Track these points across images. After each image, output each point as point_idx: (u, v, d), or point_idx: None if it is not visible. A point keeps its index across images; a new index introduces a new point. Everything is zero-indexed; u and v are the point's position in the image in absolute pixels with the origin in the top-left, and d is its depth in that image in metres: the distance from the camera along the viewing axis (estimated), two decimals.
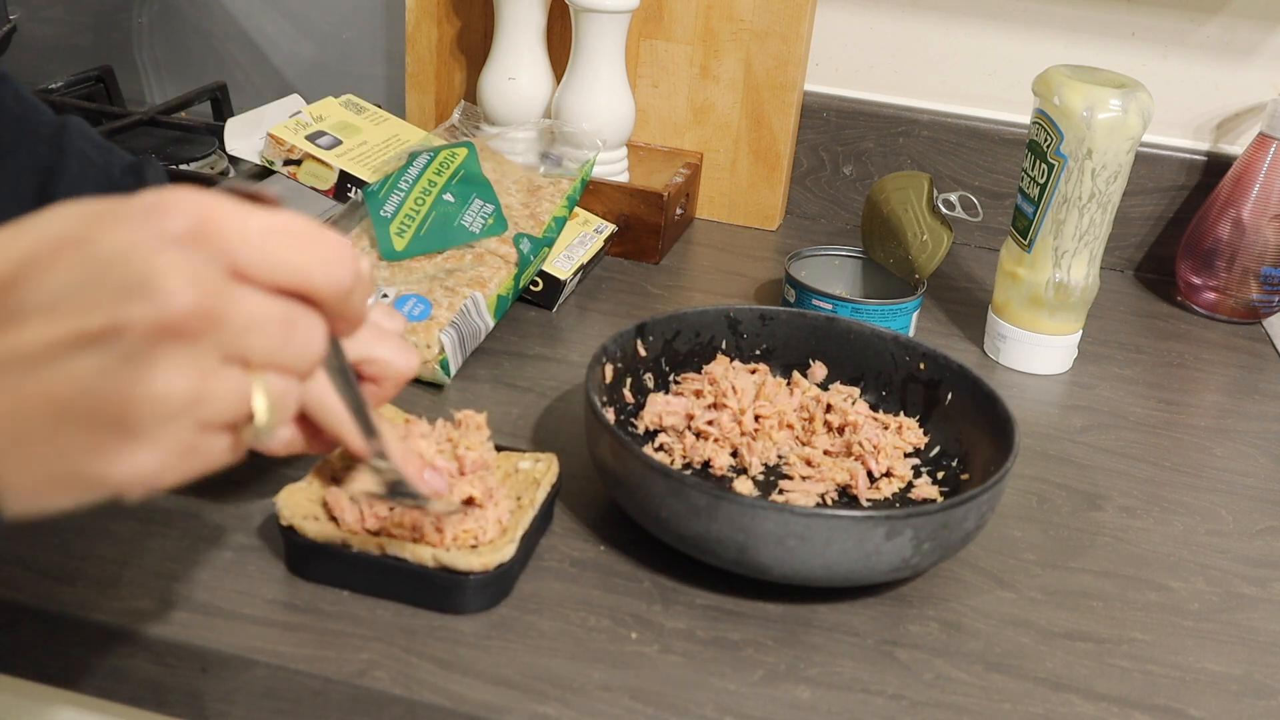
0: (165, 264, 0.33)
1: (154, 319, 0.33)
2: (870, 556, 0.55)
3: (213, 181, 0.93)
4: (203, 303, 0.34)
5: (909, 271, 0.88)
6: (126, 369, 0.33)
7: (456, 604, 0.54)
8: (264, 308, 0.36)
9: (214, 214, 0.35)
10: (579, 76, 0.96)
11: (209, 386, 0.35)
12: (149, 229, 0.34)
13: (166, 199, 0.34)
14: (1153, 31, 1.03)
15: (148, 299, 0.33)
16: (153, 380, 0.33)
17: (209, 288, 0.34)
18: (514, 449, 0.63)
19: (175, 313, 0.33)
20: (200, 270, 0.34)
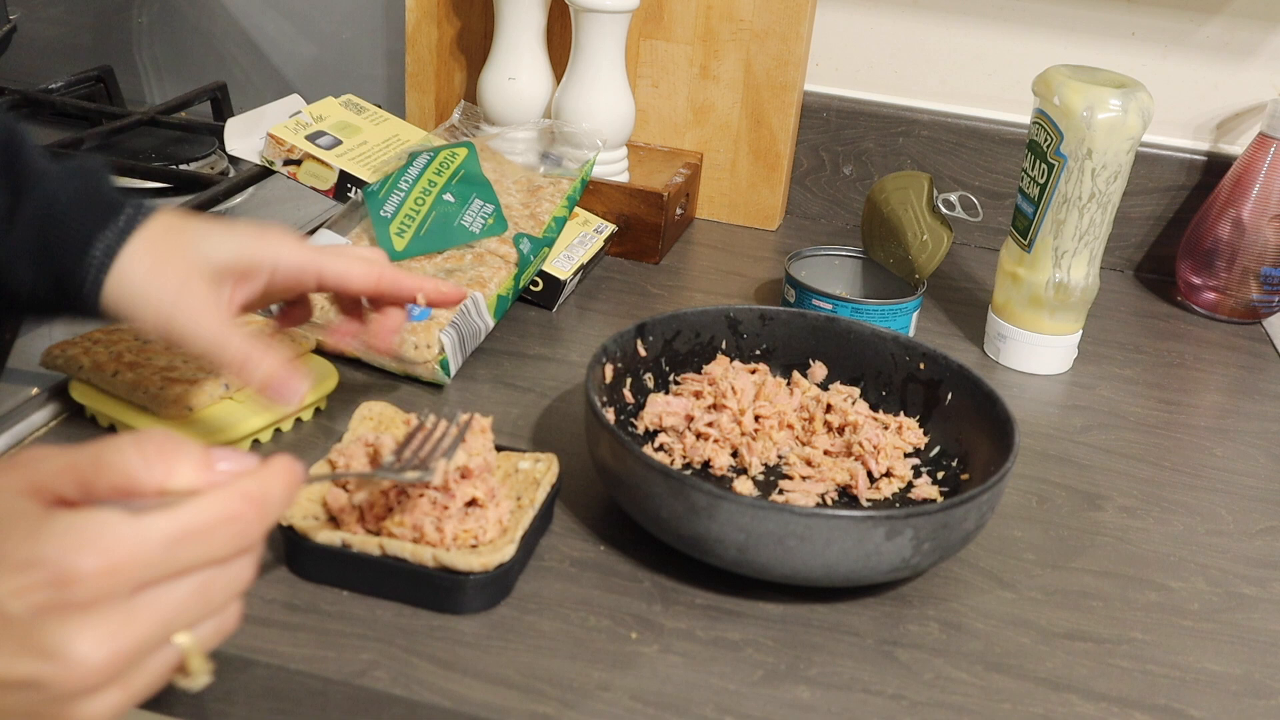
0: (72, 631, 0.36)
1: (70, 683, 0.36)
2: (870, 556, 0.55)
3: (212, 182, 0.93)
4: (115, 653, 0.36)
5: (909, 271, 0.88)
6: (58, 708, 0.37)
7: (456, 604, 0.54)
8: (178, 595, 0.38)
9: (113, 563, 0.36)
10: (579, 76, 0.96)
11: (136, 689, 0.38)
12: (56, 598, 0.36)
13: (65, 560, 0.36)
14: (1153, 31, 1.03)
15: (62, 665, 0.36)
16: (83, 715, 0.37)
17: (120, 639, 0.36)
18: (514, 449, 0.63)
19: (88, 673, 0.36)
20: (112, 622, 0.36)
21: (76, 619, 0.36)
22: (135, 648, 0.37)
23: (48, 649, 0.36)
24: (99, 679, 0.37)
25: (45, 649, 0.36)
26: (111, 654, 0.36)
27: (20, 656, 0.36)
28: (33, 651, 0.36)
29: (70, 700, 0.37)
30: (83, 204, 0.53)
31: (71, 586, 0.36)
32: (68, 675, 0.36)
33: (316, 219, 0.97)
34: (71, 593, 0.36)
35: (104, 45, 1.26)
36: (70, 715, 0.37)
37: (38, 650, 0.36)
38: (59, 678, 0.36)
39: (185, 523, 0.38)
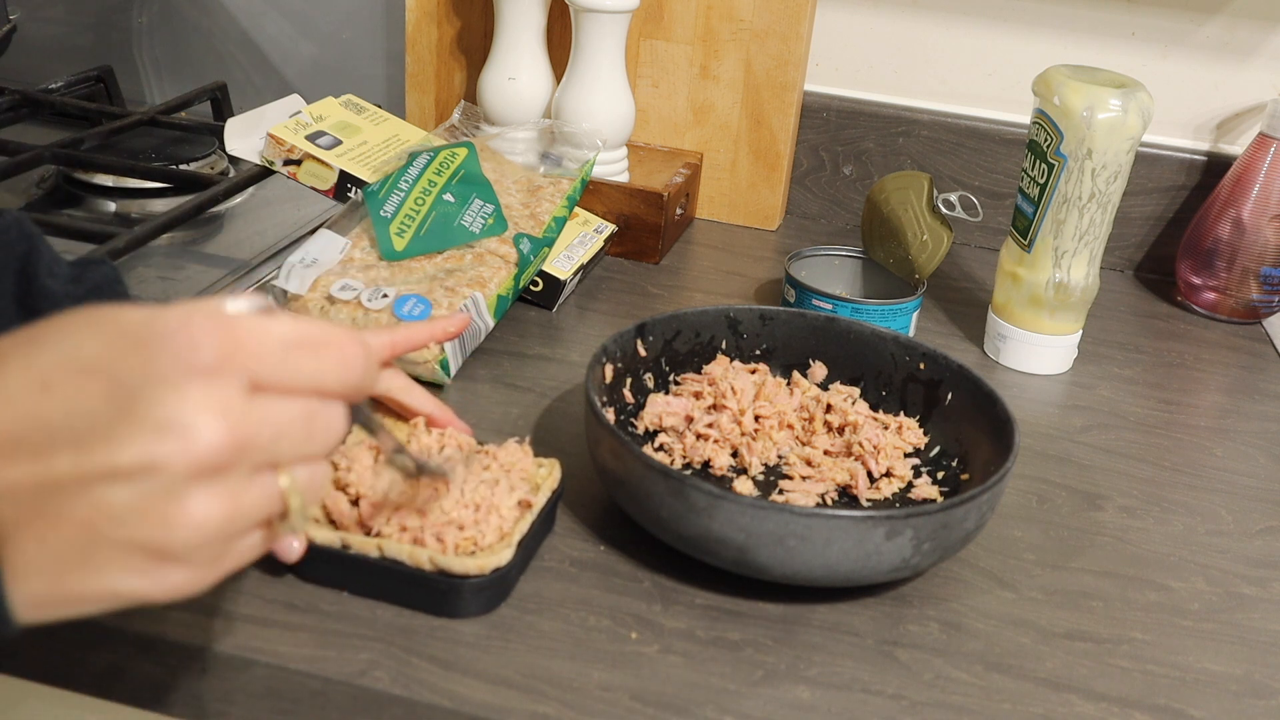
0: (195, 403, 0.34)
1: (187, 459, 0.34)
2: (870, 556, 0.55)
3: (212, 182, 0.93)
4: (233, 437, 0.35)
5: (909, 271, 0.88)
6: (162, 504, 0.34)
7: (453, 607, 0.54)
8: (287, 414, 0.37)
9: (235, 336, 0.36)
10: (579, 76, 0.96)
11: (241, 503, 0.36)
12: (176, 362, 0.34)
13: (190, 327, 0.35)
14: (1153, 31, 1.03)
15: (180, 439, 0.34)
16: (188, 514, 0.35)
17: (238, 420, 0.35)
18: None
19: (207, 452, 0.34)
20: (228, 402, 0.35)
21: (198, 392, 0.34)
22: (248, 442, 0.36)
23: (171, 421, 0.34)
24: (216, 458, 0.35)
25: (168, 421, 0.34)
26: (228, 438, 0.35)
27: (138, 433, 0.34)
28: (153, 426, 0.34)
29: (186, 488, 0.34)
30: None
31: (194, 353, 0.34)
32: (186, 450, 0.34)
33: (316, 219, 0.97)
34: (194, 358, 0.34)
35: (104, 45, 1.26)
36: (183, 514, 0.34)
37: (159, 424, 0.34)
38: (176, 454, 0.34)
39: (303, 332, 0.38)
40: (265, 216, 0.98)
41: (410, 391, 0.62)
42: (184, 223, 0.87)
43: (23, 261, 0.52)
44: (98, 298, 0.53)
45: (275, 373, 0.37)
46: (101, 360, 0.34)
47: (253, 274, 0.87)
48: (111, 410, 0.34)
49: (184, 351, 0.34)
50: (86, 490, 0.34)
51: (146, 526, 0.34)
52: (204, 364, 0.35)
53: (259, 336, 0.36)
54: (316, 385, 0.38)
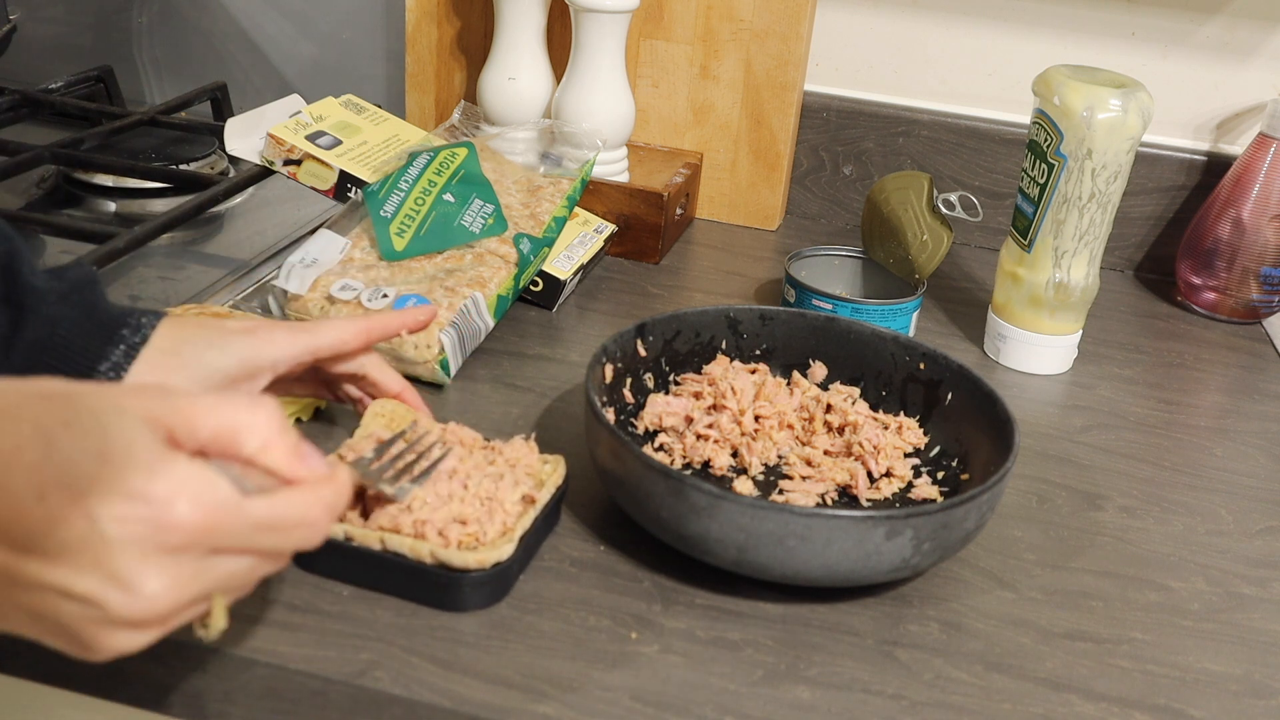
0: (151, 571, 0.39)
1: (126, 612, 0.39)
2: (870, 556, 0.55)
3: (212, 182, 0.93)
4: (176, 602, 0.40)
5: (909, 271, 0.88)
6: (97, 628, 0.40)
7: (453, 601, 0.54)
8: (237, 567, 0.42)
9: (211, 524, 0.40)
10: (579, 76, 0.96)
11: (164, 631, 0.41)
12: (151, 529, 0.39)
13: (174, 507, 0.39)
14: (1153, 31, 1.03)
15: (128, 594, 0.39)
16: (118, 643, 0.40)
17: (186, 586, 0.40)
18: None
19: (147, 610, 0.39)
20: (183, 573, 0.40)
21: (157, 560, 0.39)
22: (191, 599, 0.41)
23: (123, 576, 0.39)
24: (152, 617, 0.40)
25: (120, 576, 0.39)
26: (173, 599, 0.40)
27: (94, 574, 0.39)
28: (108, 574, 0.39)
29: (115, 627, 0.40)
30: (82, 329, 0.54)
31: (168, 531, 0.39)
32: (128, 605, 0.39)
33: (316, 219, 0.97)
34: (165, 536, 0.39)
35: (104, 45, 1.26)
36: (105, 640, 0.40)
37: (113, 574, 0.39)
38: (119, 605, 0.39)
39: (277, 514, 0.42)
40: (265, 216, 0.98)
41: (382, 371, 0.65)
42: (184, 223, 0.87)
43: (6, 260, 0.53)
44: (79, 293, 0.55)
45: (238, 545, 0.42)
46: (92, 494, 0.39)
47: (253, 274, 0.87)
48: (82, 548, 0.39)
49: (161, 525, 0.39)
50: (40, 591, 0.39)
51: (79, 634, 0.40)
52: (173, 543, 0.39)
53: (235, 521, 0.41)
54: (274, 553, 0.43)
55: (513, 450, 0.61)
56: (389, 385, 0.65)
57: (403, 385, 0.65)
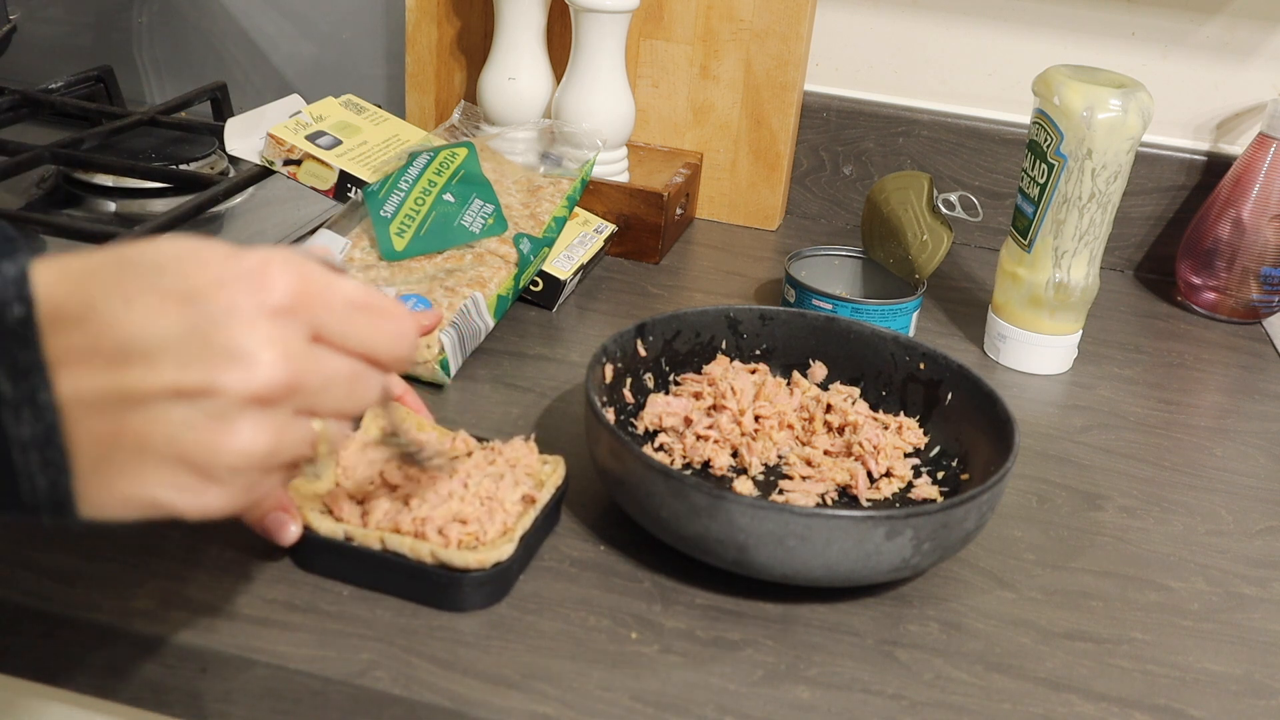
0: (262, 337, 0.37)
1: (245, 388, 0.37)
2: (870, 556, 0.55)
3: (212, 182, 0.93)
4: (290, 376, 0.38)
5: (909, 271, 0.88)
6: (213, 426, 0.37)
7: (453, 601, 0.54)
8: (337, 369, 0.41)
9: (308, 287, 0.39)
10: (579, 76, 0.96)
11: (281, 440, 0.39)
12: (251, 298, 0.38)
13: (268, 268, 0.38)
14: (1153, 31, 1.03)
15: (243, 368, 0.37)
16: (235, 439, 0.38)
17: (296, 362, 0.38)
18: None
19: (265, 384, 0.38)
20: (291, 343, 0.38)
21: (265, 325, 0.38)
22: (301, 384, 0.39)
23: (234, 347, 0.37)
24: (269, 392, 0.38)
25: (231, 347, 0.37)
26: (285, 375, 0.38)
27: (202, 356, 0.37)
28: (218, 351, 0.37)
29: (235, 416, 0.37)
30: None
31: (267, 291, 0.38)
32: (245, 379, 0.37)
33: (316, 219, 0.97)
34: (265, 297, 0.38)
35: (104, 45, 1.26)
36: (227, 441, 0.38)
37: (223, 349, 0.37)
38: (236, 382, 0.37)
39: (368, 297, 0.41)
40: (265, 216, 0.98)
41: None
42: (184, 223, 0.87)
43: None
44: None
45: (336, 328, 0.40)
46: (183, 287, 0.37)
47: None
48: (184, 333, 0.37)
49: (260, 289, 0.38)
50: (149, 404, 0.37)
51: (196, 446, 0.37)
52: (276, 304, 0.38)
53: (329, 291, 0.40)
54: (368, 349, 0.41)
55: (513, 450, 0.61)
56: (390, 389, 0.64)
57: (404, 389, 0.65)
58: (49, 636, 0.53)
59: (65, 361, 0.37)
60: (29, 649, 0.53)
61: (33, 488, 0.38)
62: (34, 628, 0.53)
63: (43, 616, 0.52)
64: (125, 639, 0.52)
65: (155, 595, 0.54)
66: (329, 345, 0.40)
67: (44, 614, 0.52)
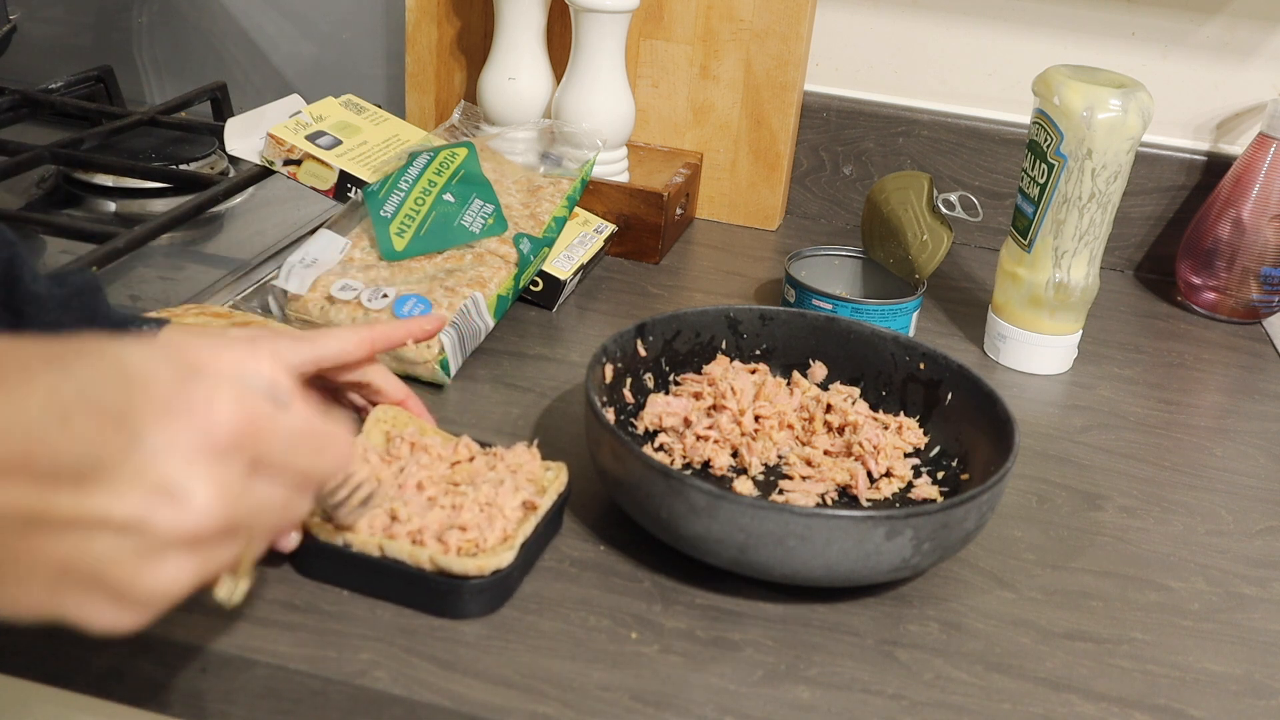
0: (200, 475, 0.36)
1: (177, 527, 0.35)
2: (870, 556, 0.55)
3: (212, 182, 0.93)
4: (224, 517, 0.37)
5: (909, 271, 0.88)
6: (138, 562, 0.36)
7: (453, 608, 0.54)
8: (272, 496, 0.40)
9: (253, 422, 0.37)
10: (579, 76, 0.96)
11: (204, 572, 0.38)
12: (194, 432, 0.36)
13: (215, 404, 0.37)
14: (1153, 31, 1.03)
15: (177, 507, 0.35)
16: (160, 576, 0.36)
17: (232, 501, 0.37)
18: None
19: (197, 526, 0.36)
20: (229, 481, 0.37)
21: (204, 465, 0.36)
22: (234, 523, 0.37)
23: (170, 485, 0.35)
24: (201, 533, 0.36)
25: (167, 485, 0.35)
26: (221, 513, 0.36)
27: (136, 489, 0.35)
28: (152, 486, 0.35)
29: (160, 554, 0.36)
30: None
31: (212, 431, 0.36)
32: (176, 519, 0.35)
33: (316, 219, 0.97)
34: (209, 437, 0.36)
35: (104, 45, 1.26)
36: (147, 576, 0.36)
37: (158, 485, 0.35)
38: (167, 520, 0.35)
39: (311, 428, 0.40)
40: (265, 216, 0.98)
41: (386, 378, 0.65)
42: (184, 223, 0.87)
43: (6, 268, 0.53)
44: (80, 300, 0.54)
45: (278, 461, 0.39)
46: (124, 410, 0.35)
47: (253, 274, 0.87)
48: (120, 461, 0.35)
49: (204, 426, 0.36)
50: (73, 531, 0.35)
51: (118, 578, 0.36)
52: (219, 443, 0.36)
53: (273, 425, 0.38)
54: (306, 476, 0.41)
55: (515, 456, 0.61)
56: (393, 393, 0.64)
57: (406, 393, 0.65)
58: (49, 636, 0.53)
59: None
60: (29, 649, 0.53)
61: None
62: (34, 628, 0.53)
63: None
64: (125, 639, 0.52)
65: None
66: (267, 475, 0.39)
67: None
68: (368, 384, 0.64)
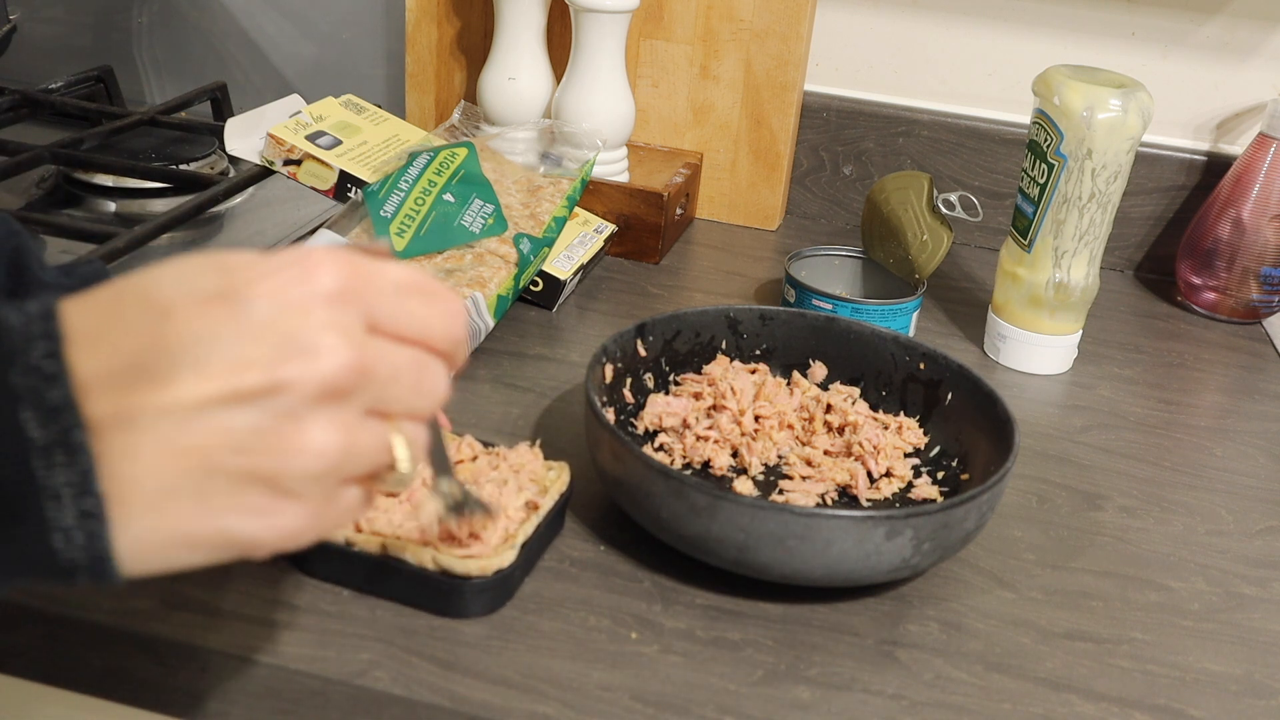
0: (321, 323, 0.34)
1: (313, 378, 0.34)
2: (870, 556, 0.55)
3: (212, 182, 0.93)
4: (357, 360, 0.35)
5: (909, 271, 0.88)
6: (282, 427, 0.34)
7: (455, 608, 0.54)
8: (401, 358, 0.37)
9: (355, 272, 0.36)
10: (579, 76, 0.96)
11: (356, 441, 0.36)
12: (300, 287, 0.35)
13: (310, 257, 0.36)
14: (1153, 31, 1.03)
15: (306, 358, 0.34)
16: (309, 439, 0.34)
17: (361, 348, 0.35)
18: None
19: (333, 373, 0.34)
20: (351, 328, 0.35)
21: (321, 313, 0.35)
22: (369, 372, 0.36)
23: (293, 339, 0.34)
24: (338, 381, 0.35)
25: (291, 339, 0.34)
26: (352, 362, 0.35)
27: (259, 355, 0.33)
28: (275, 346, 0.34)
29: (302, 412, 0.34)
30: None
31: (318, 281, 0.35)
32: (311, 370, 0.34)
33: (316, 219, 0.97)
34: (317, 286, 0.35)
35: (104, 45, 1.26)
36: (297, 438, 0.34)
37: (281, 343, 0.34)
38: (301, 374, 0.34)
39: (415, 279, 0.38)
40: (265, 216, 0.98)
41: None
42: (184, 223, 0.87)
43: (12, 256, 0.53)
44: (88, 288, 0.54)
45: (390, 313, 0.37)
46: (224, 288, 0.34)
47: None
48: (235, 333, 0.33)
49: (307, 277, 0.35)
50: (207, 414, 0.33)
51: (266, 453, 0.34)
52: (327, 290, 0.35)
53: (377, 276, 0.37)
54: (425, 335, 0.38)
55: (517, 456, 0.61)
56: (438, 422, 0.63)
57: None
58: (49, 636, 0.53)
59: (102, 389, 0.33)
60: (29, 649, 0.53)
61: (68, 545, 0.33)
62: (34, 628, 0.53)
63: (43, 616, 0.52)
64: (125, 639, 0.52)
65: (155, 595, 0.54)
66: (386, 334, 0.37)
67: (44, 614, 0.52)
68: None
